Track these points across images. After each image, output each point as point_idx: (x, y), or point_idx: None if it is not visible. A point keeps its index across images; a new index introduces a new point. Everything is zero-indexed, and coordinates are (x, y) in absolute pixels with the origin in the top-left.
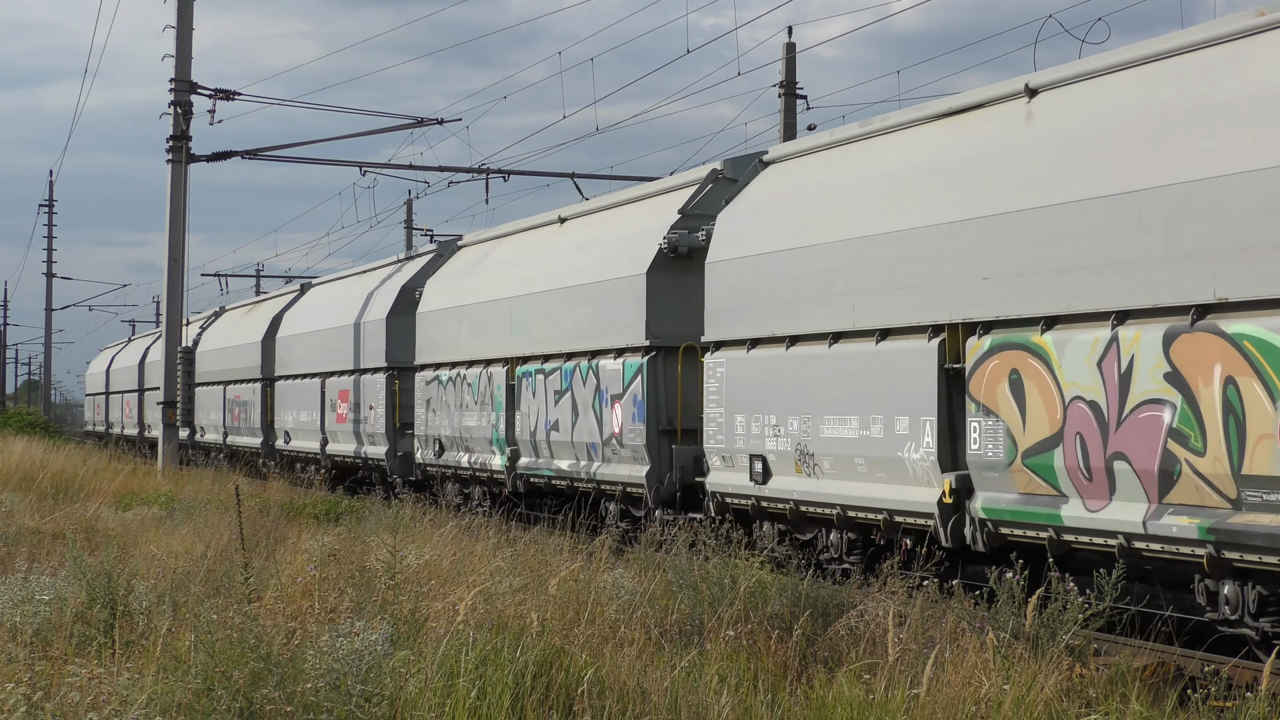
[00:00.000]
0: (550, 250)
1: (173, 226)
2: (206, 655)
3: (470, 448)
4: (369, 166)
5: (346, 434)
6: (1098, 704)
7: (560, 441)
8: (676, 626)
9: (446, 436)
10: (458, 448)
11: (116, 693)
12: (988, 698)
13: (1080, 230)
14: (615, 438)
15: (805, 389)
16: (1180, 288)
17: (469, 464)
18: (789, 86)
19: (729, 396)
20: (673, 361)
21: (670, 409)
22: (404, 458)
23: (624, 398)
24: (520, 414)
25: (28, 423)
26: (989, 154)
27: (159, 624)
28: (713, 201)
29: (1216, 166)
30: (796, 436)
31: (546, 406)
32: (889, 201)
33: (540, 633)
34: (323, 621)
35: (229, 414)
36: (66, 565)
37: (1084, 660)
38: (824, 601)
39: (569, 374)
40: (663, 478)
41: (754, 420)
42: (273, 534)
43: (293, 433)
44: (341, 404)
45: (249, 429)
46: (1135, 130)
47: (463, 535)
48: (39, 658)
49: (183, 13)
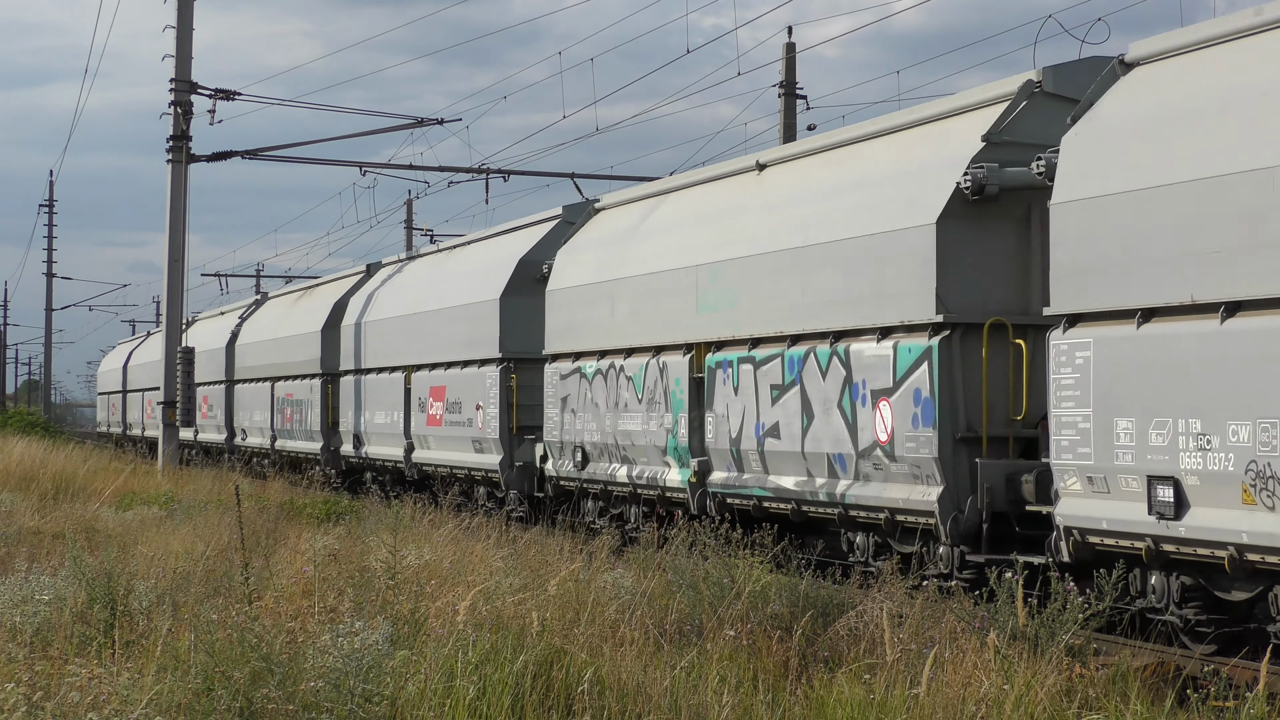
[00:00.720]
0: (746, 206)
1: (173, 226)
2: (206, 655)
3: (630, 458)
4: (369, 166)
5: (443, 439)
6: (1097, 704)
7: (782, 452)
8: (676, 626)
9: (593, 444)
10: (611, 457)
11: (116, 693)
12: (988, 698)
13: None
14: (881, 447)
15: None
16: None
17: (629, 478)
18: (789, 86)
19: (1104, 392)
20: (975, 343)
21: (972, 409)
22: (522, 469)
23: (896, 394)
24: (713, 415)
25: (28, 423)
26: None
27: (159, 624)
28: (1034, 122)
29: None
30: (1245, 451)
31: (758, 406)
32: None
33: (540, 633)
34: (323, 621)
35: (279, 415)
36: (66, 565)
37: (1084, 660)
38: (824, 601)
39: (795, 362)
40: (962, 503)
41: (1156, 428)
42: (273, 534)
43: (367, 436)
44: (435, 403)
45: (305, 432)
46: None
47: (462, 535)
48: (39, 658)
49: (183, 13)
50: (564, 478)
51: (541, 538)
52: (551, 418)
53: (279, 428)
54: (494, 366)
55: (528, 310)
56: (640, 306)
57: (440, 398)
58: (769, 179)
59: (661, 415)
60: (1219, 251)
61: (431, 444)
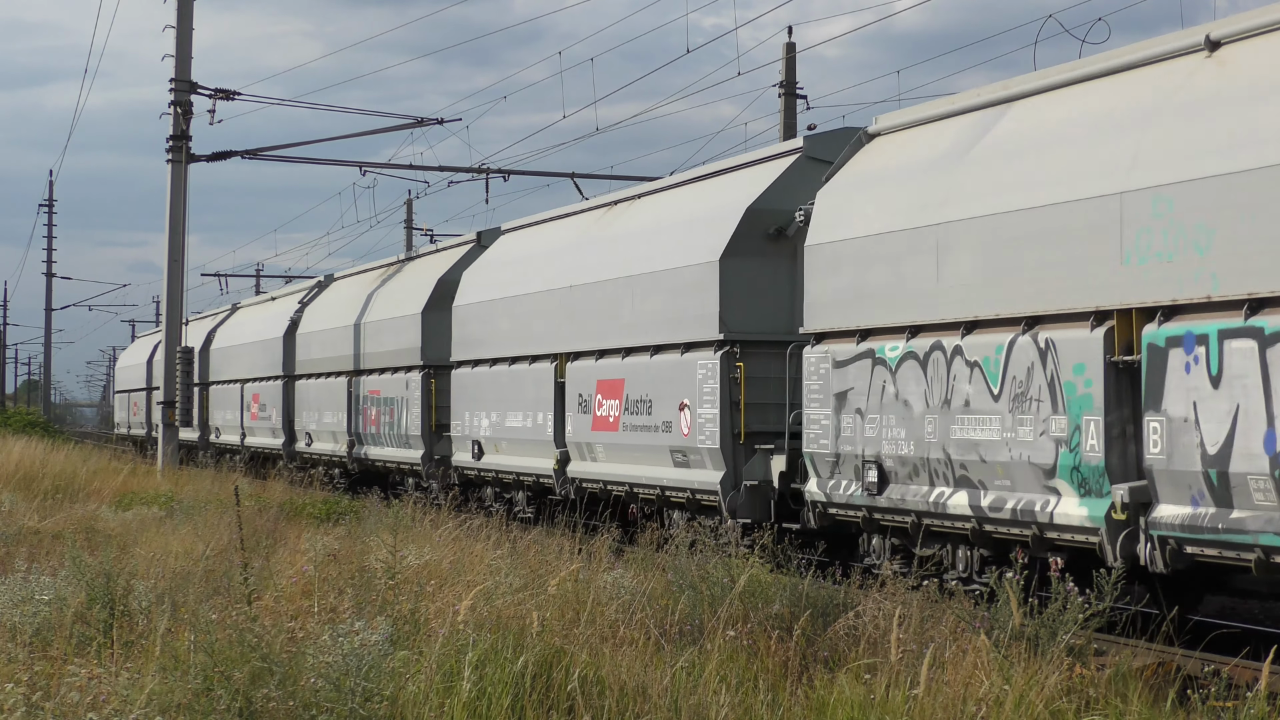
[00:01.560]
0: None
1: (173, 226)
2: (206, 655)
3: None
4: (369, 166)
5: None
6: (1098, 704)
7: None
8: (676, 626)
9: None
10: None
11: (116, 693)
12: (988, 698)
13: None
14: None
15: None
16: None
17: (972, 508)
18: (789, 86)
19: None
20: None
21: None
22: (753, 490)
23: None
24: None
25: (27, 423)
26: None
27: (158, 624)
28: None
29: None
30: None
31: None
32: None
33: (540, 633)
34: (323, 621)
35: (359, 416)
36: (66, 565)
37: (1084, 660)
38: (824, 601)
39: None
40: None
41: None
42: (273, 534)
43: (493, 443)
44: (606, 401)
45: (397, 436)
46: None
47: (462, 535)
48: (39, 658)
49: (183, 13)
50: (838, 505)
51: (542, 538)
52: (850, 425)
53: (360, 431)
54: (711, 351)
55: (754, 276)
56: None
57: (615, 394)
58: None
59: None
60: None
61: (600, 453)
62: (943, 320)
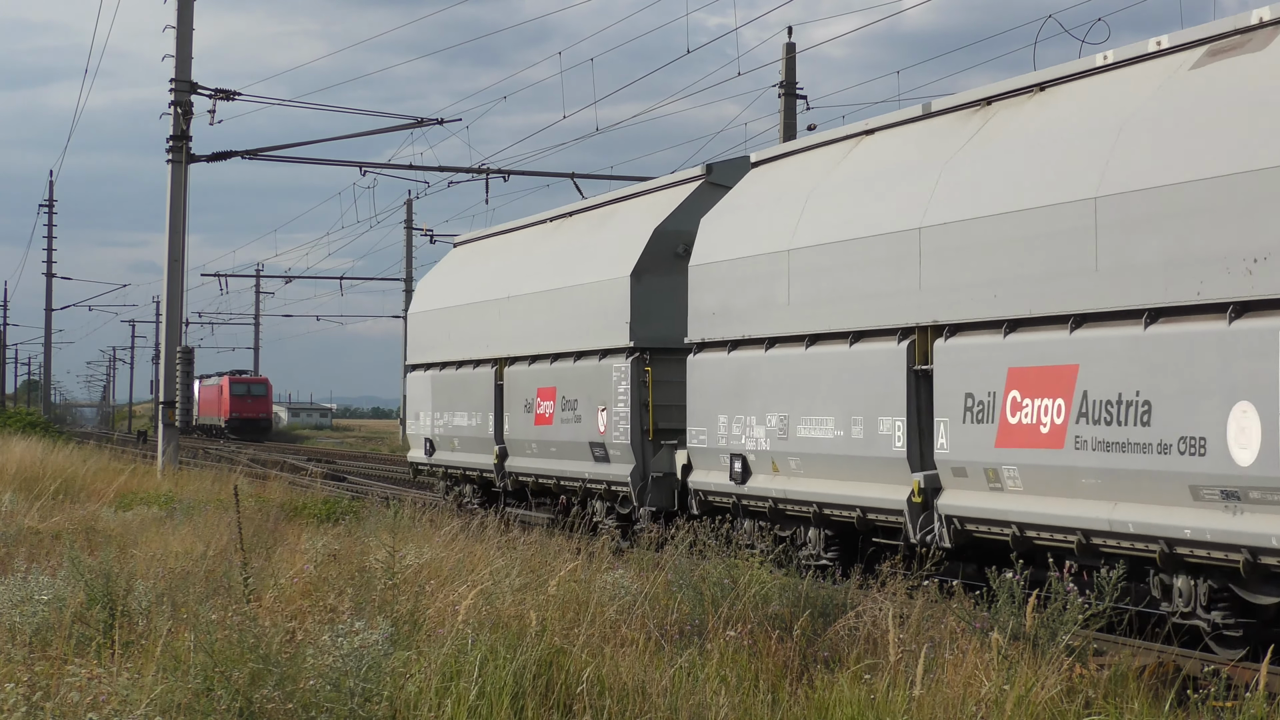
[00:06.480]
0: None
1: (173, 226)
2: (206, 655)
3: None
4: (369, 166)
5: (552, 445)
6: (1098, 705)
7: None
8: (677, 626)
9: None
10: None
11: (116, 693)
12: (988, 698)
13: None
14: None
15: None
16: None
17: None
18: (789, 86)
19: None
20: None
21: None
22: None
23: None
24: None
25: (27, 423)
26: None
27: (158, 624)
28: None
29: None
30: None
31: None
32: None
33: (540, 632)
34: (322, 621)
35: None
36: (65, 565)
37: (1084, 660)
38: (824, 601)
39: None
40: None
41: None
42: (273, 534)
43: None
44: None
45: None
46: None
47: (462, 535)
48: (38, 658)
49: (183, 12)
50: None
51: (542, 538)
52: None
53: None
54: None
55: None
56: None
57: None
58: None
59: None
60: None
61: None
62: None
